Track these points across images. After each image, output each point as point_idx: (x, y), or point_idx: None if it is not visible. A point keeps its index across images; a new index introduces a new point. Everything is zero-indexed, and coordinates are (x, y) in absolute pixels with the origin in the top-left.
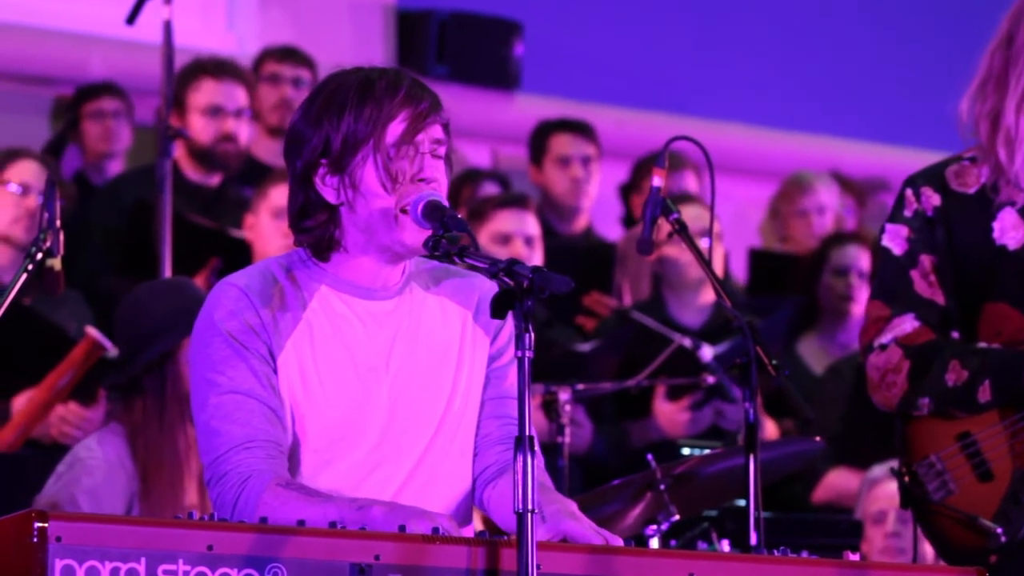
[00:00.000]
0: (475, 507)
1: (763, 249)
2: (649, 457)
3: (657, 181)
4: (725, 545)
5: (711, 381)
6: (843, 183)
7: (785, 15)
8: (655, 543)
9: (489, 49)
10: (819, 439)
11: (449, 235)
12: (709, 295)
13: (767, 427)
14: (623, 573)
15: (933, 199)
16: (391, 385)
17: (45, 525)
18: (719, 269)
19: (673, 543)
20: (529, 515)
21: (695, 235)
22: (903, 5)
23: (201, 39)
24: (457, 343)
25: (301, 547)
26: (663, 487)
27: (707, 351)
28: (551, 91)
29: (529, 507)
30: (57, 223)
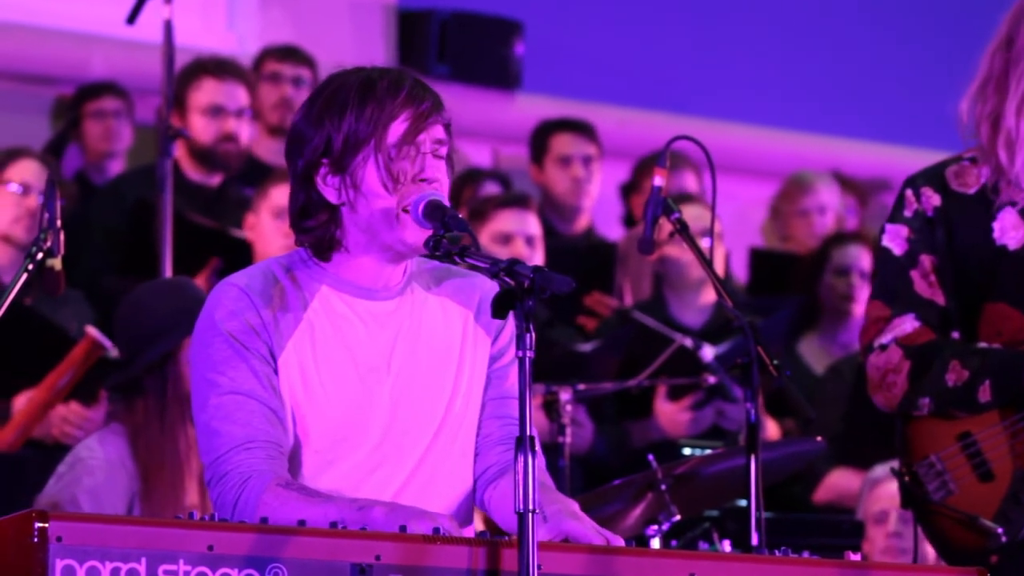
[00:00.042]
0: (476, 507)
1: (764, 249)
2: (650, 457)
3: (658, 181)
4: (726, 545)
5: (712, 381)
6: (844, 183)
7: (785, 15)
8: (656, 543)
9: (490, 49)
10: (820, 439)
11: (450, 235)
12: (710, 295)
13: (768, 427)
14: (624, 573)
15: (933, 199)
16: (392, 385)
17: (46, 525)
18: (720, 269)
19: (674, 543)
20: (530, 515)
21: (696, 235)
22: (903, 5)
23: (202, 38)
24: (458, 343)
25: (302, 547)
26: (664, 487)
27: (708, 351)
28: (552, 91)
29: (530, 507)
30: (58, 223)
